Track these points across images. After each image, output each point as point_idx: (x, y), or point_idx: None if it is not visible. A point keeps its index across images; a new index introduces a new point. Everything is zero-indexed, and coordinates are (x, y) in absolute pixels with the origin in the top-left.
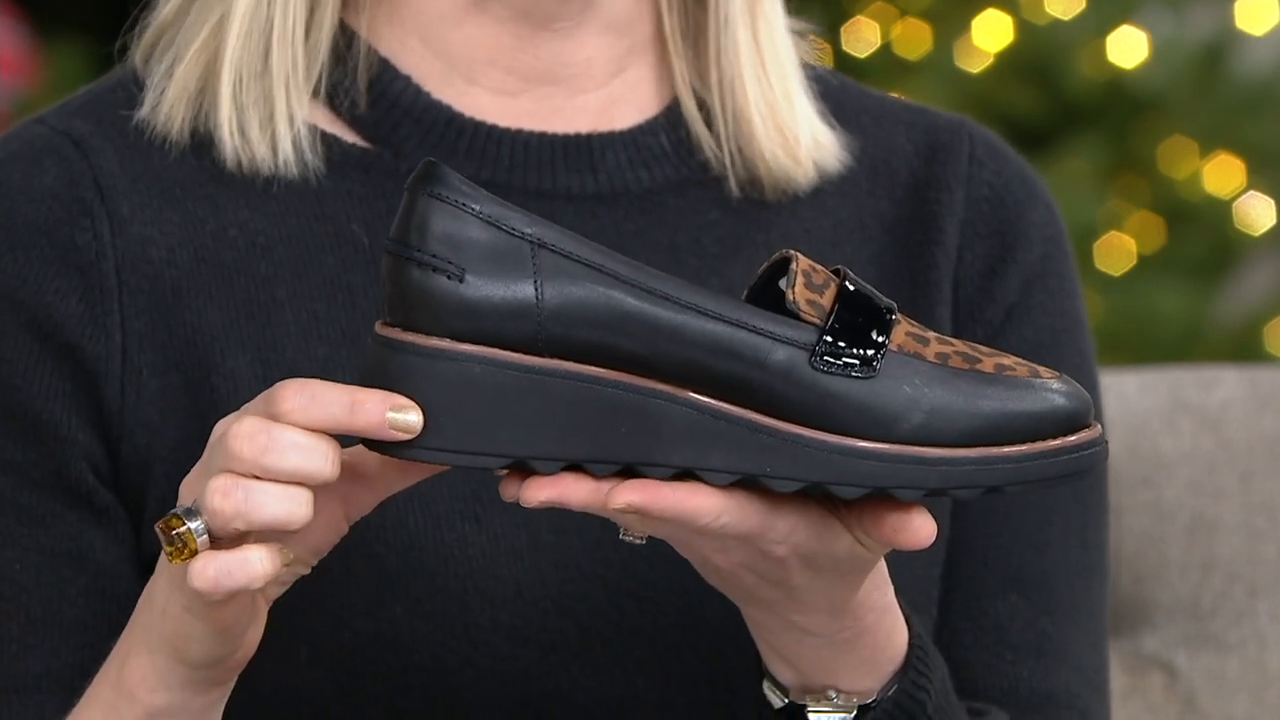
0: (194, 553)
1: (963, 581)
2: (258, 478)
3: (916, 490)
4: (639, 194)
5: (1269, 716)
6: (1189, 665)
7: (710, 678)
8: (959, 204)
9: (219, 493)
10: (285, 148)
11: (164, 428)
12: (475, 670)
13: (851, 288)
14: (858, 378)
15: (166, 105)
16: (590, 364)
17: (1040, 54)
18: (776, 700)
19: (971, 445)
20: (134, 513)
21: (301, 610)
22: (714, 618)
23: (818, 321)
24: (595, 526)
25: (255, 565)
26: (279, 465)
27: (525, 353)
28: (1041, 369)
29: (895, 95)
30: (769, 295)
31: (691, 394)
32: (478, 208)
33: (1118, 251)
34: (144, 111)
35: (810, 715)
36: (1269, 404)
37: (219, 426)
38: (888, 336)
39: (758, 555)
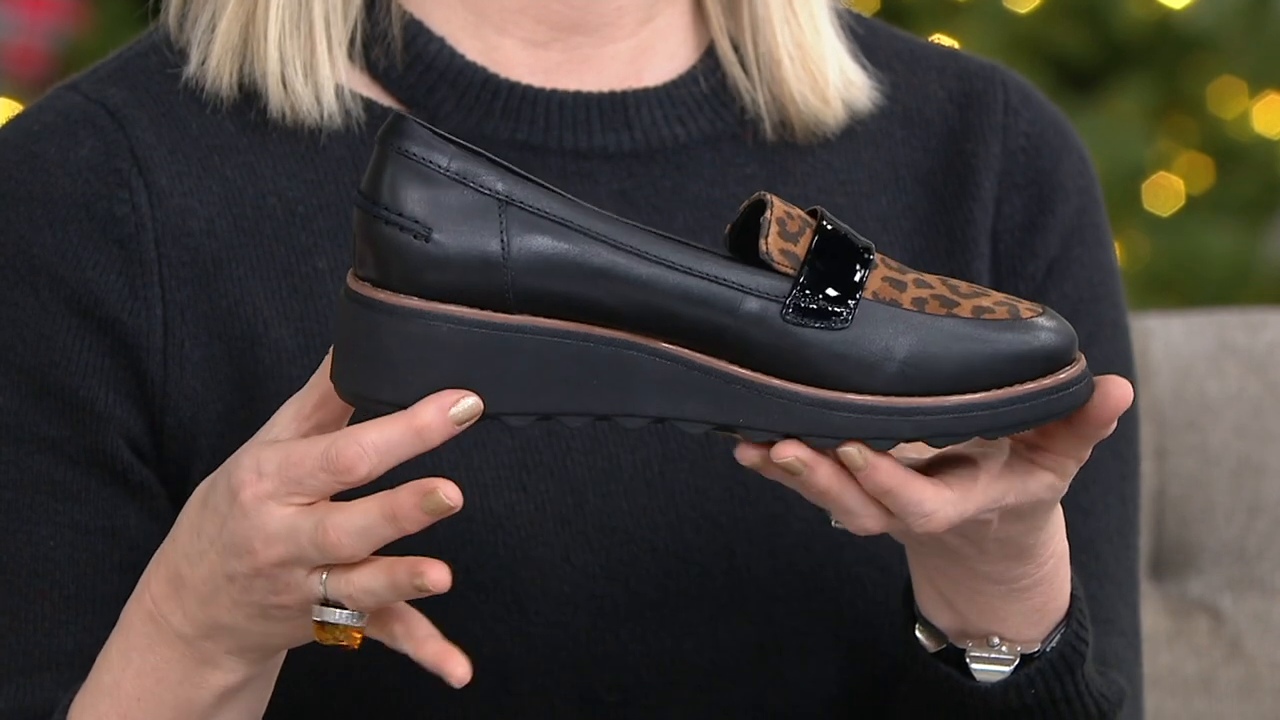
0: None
1: None
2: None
3: (889, 440)
4: (674, 150)
5: None
6: (1234, 608)
7: (759, 639)
8: (995, 156)
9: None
10: (329, 99)
11: (208, 399)
12: (526, 637)
13: (829, 228)
14: (831, 328)
15: (214, 60)
16: (561, 319)
17: None
18: (931, 645)
19: (948, 393)
20: (177, 485)
21: None
22: (761, 580)
23: (791, 271)
24: (641, 491)
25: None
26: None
27: (495, 309)
28: (1023, 305)
29: (925, 39)
30: (750, 234)
31: (664, 344)
32: (445, 164)
33: (1166, 192)
34: (191, 69)
35: (971, 662)
36: None
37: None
38: (862, 284)
39: (969, 522)
